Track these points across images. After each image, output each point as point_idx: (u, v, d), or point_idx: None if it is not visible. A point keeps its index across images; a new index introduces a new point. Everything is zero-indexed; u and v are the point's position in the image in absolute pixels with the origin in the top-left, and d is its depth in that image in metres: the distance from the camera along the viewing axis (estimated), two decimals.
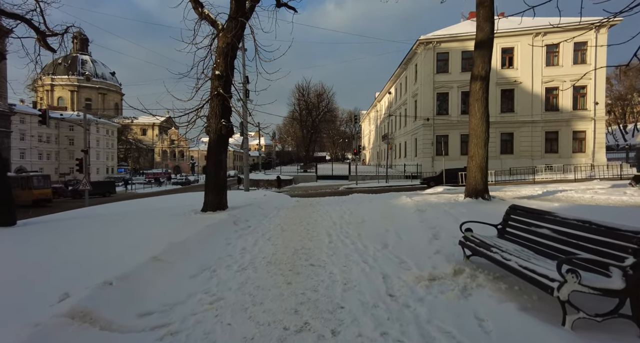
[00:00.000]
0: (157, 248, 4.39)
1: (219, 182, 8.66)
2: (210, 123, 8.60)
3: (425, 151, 31.01)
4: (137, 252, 4.27)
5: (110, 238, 5.19)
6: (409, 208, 8.09)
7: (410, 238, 5.32)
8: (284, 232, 6.37)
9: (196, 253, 4.73)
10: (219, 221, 6.70)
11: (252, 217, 8.08)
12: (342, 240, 5.50)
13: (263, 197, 12.32)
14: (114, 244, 4.78)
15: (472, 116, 8.89)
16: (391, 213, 7.71)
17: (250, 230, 6.58)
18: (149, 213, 8.79)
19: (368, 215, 7.70)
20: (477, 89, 8.77)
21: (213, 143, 8.60)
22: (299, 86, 48.65)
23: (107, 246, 4.73)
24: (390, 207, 8.92)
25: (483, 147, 8.73)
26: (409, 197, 10.35)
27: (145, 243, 4.74)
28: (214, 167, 8.60)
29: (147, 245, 4.55)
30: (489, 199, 8.59)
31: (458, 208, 7.35)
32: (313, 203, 11.07)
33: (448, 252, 4.40)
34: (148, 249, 4.33)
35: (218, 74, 8.53)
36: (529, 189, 12.68)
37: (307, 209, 9.56)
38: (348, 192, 22.45)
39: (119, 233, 5.70)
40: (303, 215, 8.42)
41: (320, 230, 6.40)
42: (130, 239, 5.12)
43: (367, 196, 12.58)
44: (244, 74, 17.46)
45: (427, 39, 30.26)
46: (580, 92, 28.28)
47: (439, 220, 6.38)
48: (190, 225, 6.29)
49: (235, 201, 10.64)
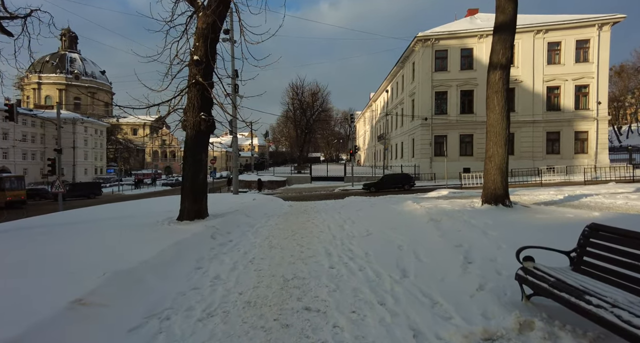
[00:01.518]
0: (91, 281, 3.12)
1: (198, 186, 7.38)
2: (188, 117, 7.33)
3: (423, 152, 29.99)
4: (59, 289, 2.99)
5: (40, 264, 3.89)
6: (420, 217, 6.91)
7: (434, 260, 4.12)
8: (272, 249, 5.13)
9: (150, 286, 3.46)
10: (191, 235, 5.42)
11: (235, 227, 6.82)
12: (345, 262, 4.27)
13: (252, 201, 11.05)
14: (36, 274, 3.48)
15: (491, 111, 7.74)
16: (400, 223, 6.51)
17: (230, 247, 5.32)
18: (116, 223, 7.46)
19: (373, 226, 6.50)
20: (496, 80, 7.63)
21: (190, 140, 7.32)
22: (292, 85, 47.37)
23: (25, 277, 3.43)
24: (397, 214, 7.73)
25: (503, 146, 7.59)
26: (415, 202, 9.18)
27: (81, 272, 3.46)
28: (191, 168, 7.32)
29: (81, 277, 3.27)
30: (510, 206, 7.45)
31: (480, 218, 6.18)
32: (308, 210, 9.85)
33: (495, 286, 3.19)
34: (78, 284, 3.06)
35: (197, 60, 7.26)
36: (544, 193, 11.62)
37: (301, 217, 8.32)
38: (344, 194, 21.26)
39: (58, 254, 4.39)
40: (296, 225, 7.19)
41: (317, 246, 5.17)
42: (65, 265, 3.82)
43: (367, 200, 11.39)
44: (233, 68, 16.16)
45: (426, 36, 29.26)
46: (582, 92, 27.50)
47: (463, 235, 5.20)
48: (155, 240, 5.01)
49: (220, 207, 9.36)
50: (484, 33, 28.63)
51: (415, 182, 24.22)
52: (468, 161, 29.21)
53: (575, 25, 26.88)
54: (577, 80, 27.21)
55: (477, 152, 29.30)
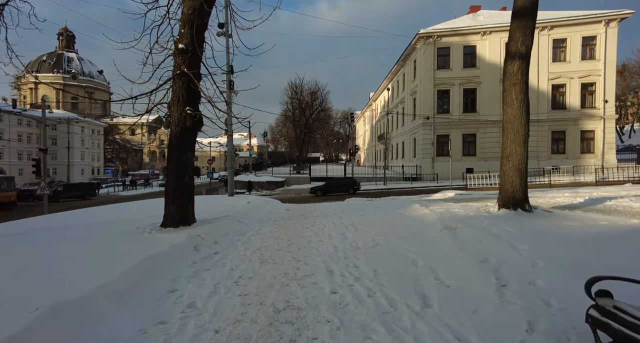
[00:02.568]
0: (12, 322, 2.35)
1: (183, 189, 6.63)
2: (172, 112, 6.58)
3: (425, 152, 29.23)
4: None
5: None
6: (432, 224, 6.16)
7: (459, 282, 3.37)
8: (263, 264, 4.37)
9: (102, 321, 2.71)
10: (170, 247, 4.66)
11: (224, 236, 6.06)
12: (350, 285, 3.51)
13: (246, 204, 10.29)
14: None
15: (508, 105, 6.99)
16: (410, 231, 5.76)
17: (215, 261, 4.56)
18: (91, 231, 6.70)
19: (380, 234, 5.75)
20: (514, 71, 6.88)
21: (174, 138, 6.56)
22: (291, 84, 46.61)
23: None
24: (405, 220, 6.98)
25: (522, 145, 6.85)
26: (423, 205, 8.42)
27: (9, 305, 2.69)
28: (175, 168, 6.56)
29: (3, 314, 2.51)
30: (530, 211, 6.70)
31: (501, 226, 5.43)
32: (306, 214, 9.09)
33: (550, 326, 2.43)
34: None
35: (182, 48, 6.50)
36: (558, 195, 10.88)
37: (298, 223, 7.56)
38: (344, 195, 20.53)
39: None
40: (293, 233, 6.43)
41: (316, 261, 4.41)
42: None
43: (370, 203, 10.64)
44: (228, 63, 15.40)
45: (427, 33, 28.52)
46: (588, 90, 26.78)
47: (486, 247, 4.45)
48: (126, 254, 4.25)
49: (210, 211, 8.61)
50: (487, 30, 27.94)
51: (360, 186, 23.95)
52: (471, 161, 28.48)
53: (582, 22, 26.17)
54: (583, 78, 26.49)
55: (480, 152, 28.59)
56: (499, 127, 28.29)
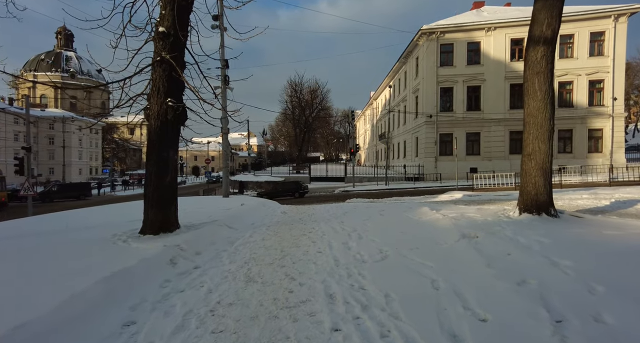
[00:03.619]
0: None
1: (164, 191, 5.85)
2: (151, 104, 5.81)
3: (427, 151, 28.46)
4: None
5: None
6: (448, 231, 5.39)
7: (498, 317, 2.60)
8: (249, 284, 3.60)
9: None
10: (139, 261, 3.89)
11: (209, 245, 5.29)
12: (356, 319, 2.73)
13: (240, 207, 9.52)
14: None
15: (530, 97, 6.22)
16: (423, 240, 4.99)
17: (192, 279, 3.80)
18: (61, 238, 5.93)
19: (388, 243, 4.98)
20: (537, 58, 6.10)
21: (155, 133, 5.78)
22: (291, 82, 45.83)
23: None
24: (415, 226, 6.21)
25: (546, 141, 6.07)
26: (433, 208, 7.65)
27: None
28: (155, 167, 5.78)
29: None
30: (556, 215, 5.93)
31: (529, 235, 4.67)
32: (304, 218, 8.31)
33: None
34: None
35: (162, 32, 5.73)
36: (575, 196, 10.10)
37: (295, 229, 6.79)
38: (345, 195, 19.79)
39: None
40: (288, 242, 5.65)
41: (313, 281, 3.64)
42: None
43: (374, 205, 9.87)
44: (223, 57, 14.61)
45: (430, 29, 27.74)
46: (596, 87, 26.00)
47: (518, 262, 3.69)
48: (83, 271, 3.49)
49: (199, 214, 7.83)
50: (492, 26, 27.17)
51: (307, 190, 23.46)
52: (475, 161, 27.72)
53: (590, 17, 25.38)
54: (591, 75, 25.71)
55: (484, 151, 27.84)
56: (503, 125, 27.55)
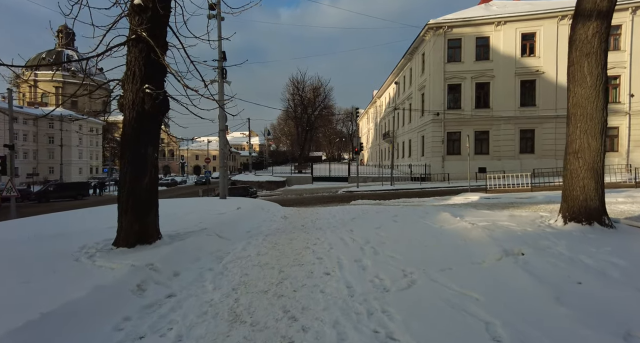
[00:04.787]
0: None
1: (141, 195, 4.90)
2: (126, 91, 4.86)
3: (434, 150, 27.42)
4: None
5: None
6: (482, 246, 4.41)
7: None
8: (233, 327, 2.64)
9: None
10: (91, 291, 2.94)
11: (192, 263, 4.34)
12: None
13: (236, 211, 8.56)
14: None
15: (578, 84, 5.24)
16: (455, 257, 4.02)
17: (157, 319, 2.84)
18: (16, 250, 5.00)
19: (411, 261, 4.01)
20: (588, 36, 5.11)
21: (129, 126, 4.83)
22: (293, 79, 44.84)
23: None
24: (439, 236, 5.22)
25: (598, 136, 5.08)
26: (456, 215, 6.67)
27: None
28: (130, 167, 4.83)
29: None
30: (611, 226, 4.94)
31: (593, 253, 3.69)
32: (307, 224, 7.35)
33: None
34: None
35: (138, 4, 4.78)
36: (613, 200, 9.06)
37: (296, 239, 5.82)
38: (349, 196, 18.83)
39: None
40: (288, 257, 4.69)
41: (321, 324, 2.67)
42: None
43: (385, 209, 8.89)
44: (220, 49, 13.67)
45: (437, 24, 26.70)
46: (612, 83, 24.85)
47: (600, 297, 2.73)
48: (3, 314, 2.56)
49: (187, 220, 6.89)
50: (501, 20, 26.10)
51: (256, 194, 22.09)
52: (484, 160, 26.66)
53: None
54: (607, 70, 24.47)
55: (493, 150, 26.79)
56: (513, 123, 26.47)
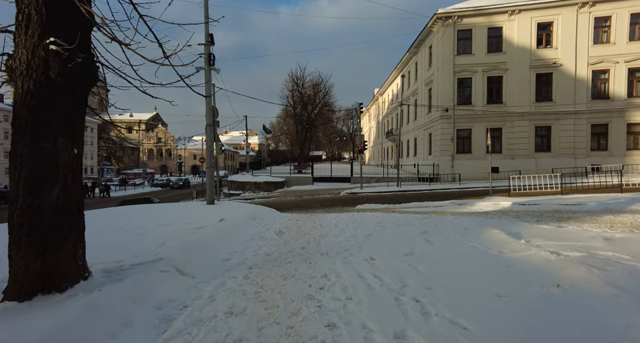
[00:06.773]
0: None
1: (46, 215, 3.07)
2: (17, 47, 3.05)
3: (443, 148, 25.62)
4: None
5: None
6: (601, 299, 2.61)
7: None
8: None
9: None
10: None
11: (112, 335, 2.52)
12: None
13: (218, 223, 6.75)
14: None
15: None
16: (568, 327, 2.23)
17: None
18: None
19: (491, 334, 2.22)
20: None
21: (24, 105, 3.00)
22: (292, 75, 42.96)
23: None
24: (511, 275, 3.42)
25: None
26: (512, 233, 4.86)
27: None
28: (26, 171, 3.00)
29: None
30: None
31: None
32: (309, 246, 5.52)
33: None
34: None
35: None
36: None
37: (293, 277, 3.94)
38: (354, 199, 17.03)
39: None
40: (278, 324, 2.87)
41: None
42: None
43: (405, 221, 7.05)
44: (207, 32, 11.84)
45: (447, 13, 24.91)
46: (636, 76, 23.08)
47: None
48: None
49: (148, 239, 5.06)
50: (516, 8, 24.30)
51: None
52: (496, 159, 24.78)
53: None
54: (631, 62, 22.79)
55: (506, 148, 25.01)
56: (528, 120, 24.67)
